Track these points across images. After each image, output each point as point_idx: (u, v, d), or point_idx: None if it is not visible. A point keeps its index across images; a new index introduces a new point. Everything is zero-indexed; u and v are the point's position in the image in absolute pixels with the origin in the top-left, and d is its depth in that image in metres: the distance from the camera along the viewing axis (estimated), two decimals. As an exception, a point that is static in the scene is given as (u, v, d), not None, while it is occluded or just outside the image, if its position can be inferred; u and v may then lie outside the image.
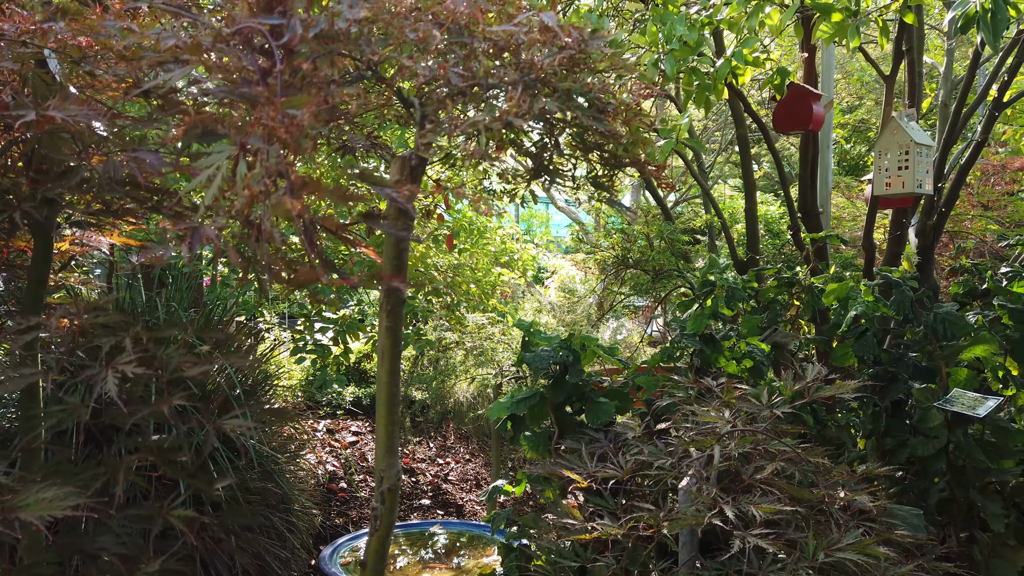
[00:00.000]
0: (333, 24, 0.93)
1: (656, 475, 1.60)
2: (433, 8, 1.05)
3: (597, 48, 1.08)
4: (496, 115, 0.97)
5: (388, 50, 0.93)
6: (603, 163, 1.19)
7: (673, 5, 2.38)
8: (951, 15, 1.61)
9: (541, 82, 1.02)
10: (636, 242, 3.88)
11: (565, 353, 2.37)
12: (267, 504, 4.31)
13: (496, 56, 1.07)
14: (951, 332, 2.41)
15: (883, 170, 3.05)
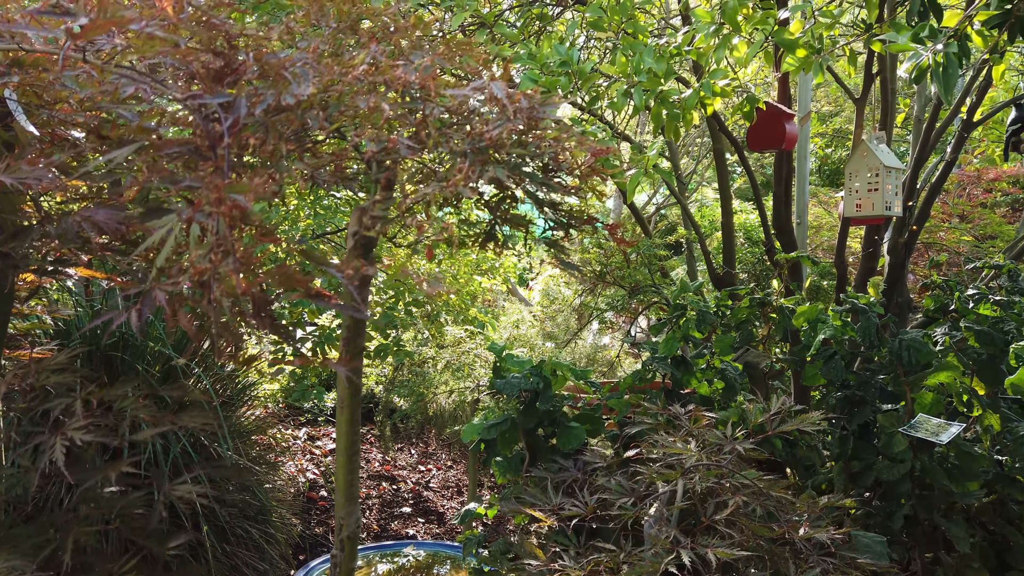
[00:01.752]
0: (280, 100, 0.94)
1: (617, 515, 1.61)
2: (386, 74, 1.06)
3: (547, 115, 1.09)
4: (445, 186, 0.98)
5: (336, 125, 0.94)
6: (556, 222, 1.21)
7: (643, 35, 2.40)
8: (906, 65, 1.64)
9: (494, 148, 1.03)
10: (613, 256, 3.91)
11: (535, 380, 2.38)
12: (245, 515, 4.30)
13: (447, 124, 1.09)
14: (915, 358, 2.45)
15: (853, 192, 3.09)
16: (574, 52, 2.20)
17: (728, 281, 4.33)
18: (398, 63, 1.09)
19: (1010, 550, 2.77)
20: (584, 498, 1.75)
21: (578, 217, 1.23)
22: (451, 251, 6.05)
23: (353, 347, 1.34)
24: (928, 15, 1.88)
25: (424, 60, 1.12)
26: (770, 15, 2.09)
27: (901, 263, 3.64)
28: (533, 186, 1.06)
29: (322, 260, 0.87)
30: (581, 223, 1.24)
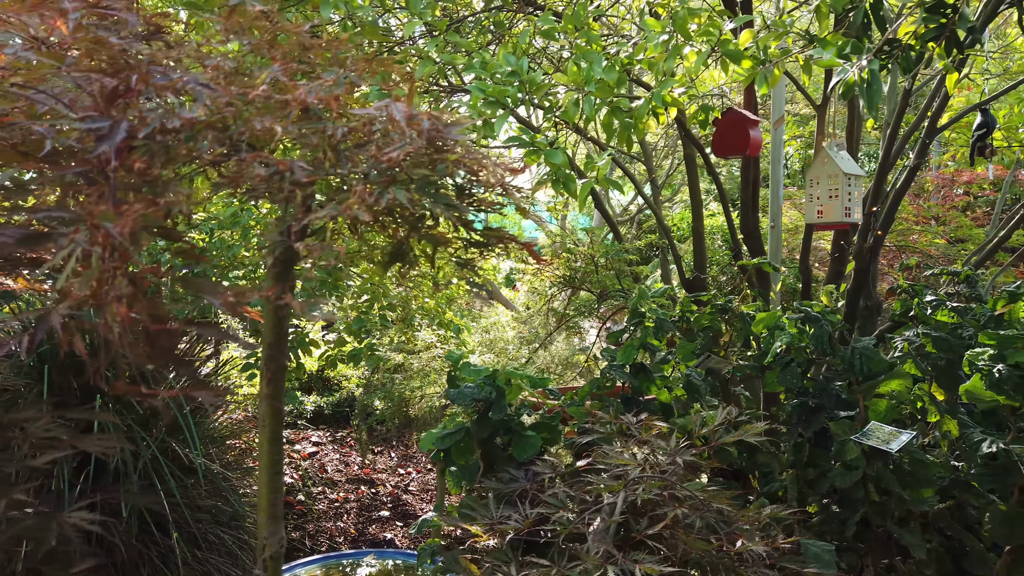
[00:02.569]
0: (165, 123, 0.93)
1: (551, 529, 1.61)
2: (289, 94, 1.05)
3: (454, 137, 1.09)
4: (341, 208, 0.98)
5: (220, 151, 0.93)
6: (469, 243, 1.20)
7: (597, 44, 2.40)
8: (835, 80, 1.65)
9: (400, 168, 1.03)
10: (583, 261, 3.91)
11: (489, 389, 2.38)
12: (217, 521, 4.28)
13: (348, 147, 1.08)
14: (867, 366, 2.46)
15: (814, 199, 3.10)
16: (524, 61, 2.19)
17: (699, 285, 4.34)
18: (299, 83, 1.09)
19: (967, 555, 2.78)
20: (525, 511, 1.75)
21: (495, 236, 1.22)
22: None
23: (273, 366, 1.33)
24: (870, 27, 1.89)
25: (328, 80, 1.11)
26: (715, 26, 2.10)
27: (866, 268, 3.65)
28: (439, 208, 1.05)
29: (203, 288, 0.86)
30: (498, 242, 1.23)
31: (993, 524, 2.65)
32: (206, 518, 4.16)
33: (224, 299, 0.88)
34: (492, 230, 1.22)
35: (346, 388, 7.43)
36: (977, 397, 2.65)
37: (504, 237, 1.22)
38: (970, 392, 2.66)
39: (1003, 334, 2.64)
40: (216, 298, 0.88)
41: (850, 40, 1.72)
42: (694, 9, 2.22)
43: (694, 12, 2.22)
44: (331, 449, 6.96)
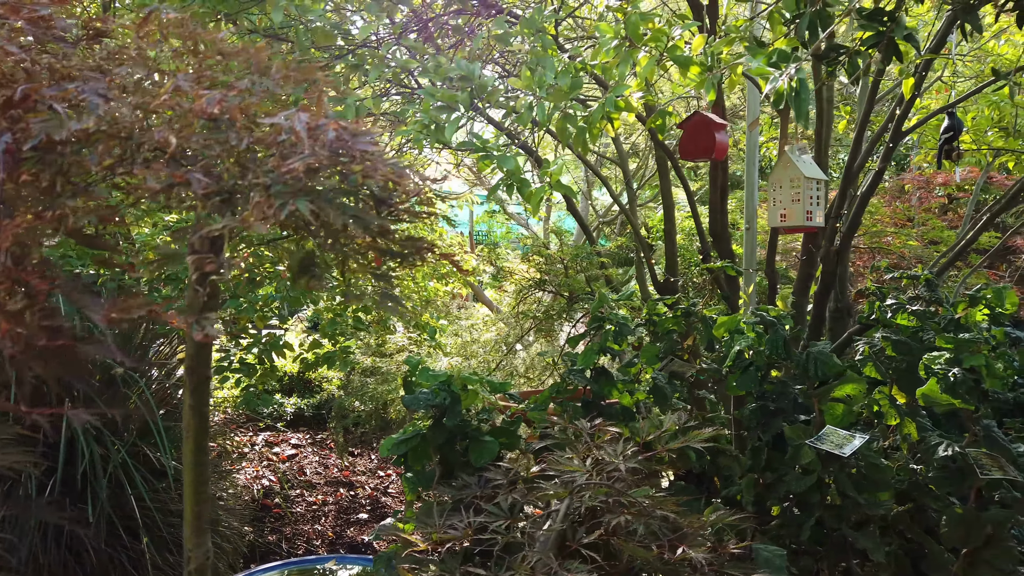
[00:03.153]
0: (52, 135, 0.92)
1: (488, 539, 1.61)
2: (196, 104, 1.04)
3: (363, 147, 1.08)
4: (236, 221, 0.97)
5: (109, 163, 0.92)
6: (386, 254, 1.20)
7: (552, 49, 2.40)
8: (769, 88, 1.65)
9: (303, 179, 1.02)
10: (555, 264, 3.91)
11: (444, 395, 2.38)
12: (191, 526, 4.25)
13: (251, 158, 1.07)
14: (822, 370, 2.47)
15: (777, 202, 3.11)
16: (475, 66, 2.19)
17: (671, 288, 4.34)
18: (204, 92, 1.08)
19: (925, 558, 2.79)
20: (468, 518, 1.74)
21: (412, 246, 1.21)
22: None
23: (195, 377, 1.32)
24: (817, 32, 1.89)
25: (235, 89, 1.11)
26: (663, 32, 2.10)
27: (833, 270, 3.67)
28: (345, 219, 1.05)
29: (83, 301, 0.85)
30: (416, 252, 1.23)
31: (950, 527, 2.66)
32: (177, 522, 4.14)
33: (105, 314, 0.87)
34: (409, 240, 1.21)
35: (327, 390, 7.41)
36: (933, 401, 2.66)
37: (421, 248, 1.22)
38: (927, 396, 2.68)
39: (959, 338, 2.66)
40: (96, 311, 0.88)
41: (778, 49, 1.72)
42: (646, 14, 2.22)
43: (646, 17, 2.22)
44: (311, 451, 6.95)
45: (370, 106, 2.44)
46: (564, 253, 3.94)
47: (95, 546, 3.82)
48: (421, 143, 2.32)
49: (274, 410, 7.34)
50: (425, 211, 1.24)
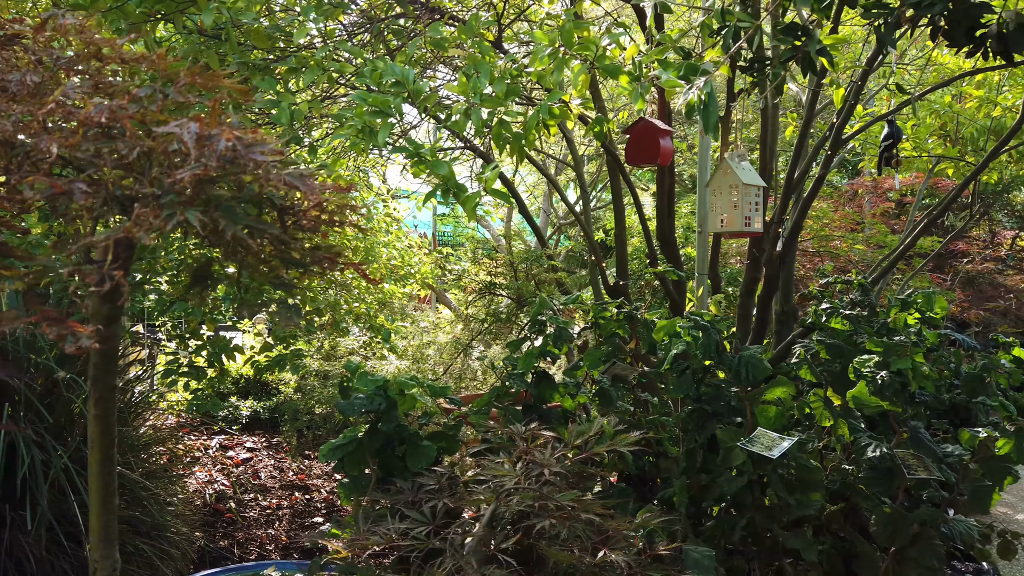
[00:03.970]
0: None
1: (408, 546, 1.62)
2: (86, 111, 1.03)
3: (257, 157, 1.08)
4: (119, 232, 0.96)
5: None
6: (288, 264, 1.19)
7: (489, 56, 2.41)
8: (681, 100, 1.69)
9: (194, 189, 1.02)
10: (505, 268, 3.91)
11: (380, 400, 2.37)
12: (137, 532, 4.20)
13: (144, 166, 1.07)
14: (752, 374, 2.51)
15: (717, 208, 3.16)
16: (410, 71, 2.19)
17: (622, 292, 4.38)
18: (94, 101, 1.07)
19: (857, 557, 2.86)
20: (393, 525, 1.75)
21: (316, 257, 1.22)
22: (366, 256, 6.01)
23: (100, 386, 1.31)
24: (742, 43, 1.93)
25: (125, 99, 1.10)
26: (592, 42, 2.12)
27: (776, 274, 3.73)
28: (236, 229, 1.04)
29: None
30: (320, 262, 1.23)
31: (879, 526, 2.73)
32: (124, 528, 4.07)
33: None
34: (312, 250, 1.22)
35: (285, 393, 7.33)
36: (863, 403, 2.73)
37: (325, 258, 1.22)
38: (856, 398, 2.74)
39: (888, 342, 2.73)
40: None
41: (686, 63, 1.76)
42: (580, 22, 2.24)
43: (580, 25, 2.25)
44: (266, 455, 6.86)
45: (306, 110, 2.42)
46: (515, 257, 3.96)
47: (36, 553, 3.74)
48: (360, 146, 2.32)
49: (229, 413, 7.24)
50: (337, 220, 1.25)
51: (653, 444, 3.15)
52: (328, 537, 1.79)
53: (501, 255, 4.09)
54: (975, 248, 7.14)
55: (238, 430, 7.27)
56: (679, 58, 2.29)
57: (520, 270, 3.84)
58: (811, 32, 1.66)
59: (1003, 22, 1.76)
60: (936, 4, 1.55)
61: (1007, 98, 4.47)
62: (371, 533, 1.68)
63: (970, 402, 3.97)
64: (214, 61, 2.46)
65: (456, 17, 2.95)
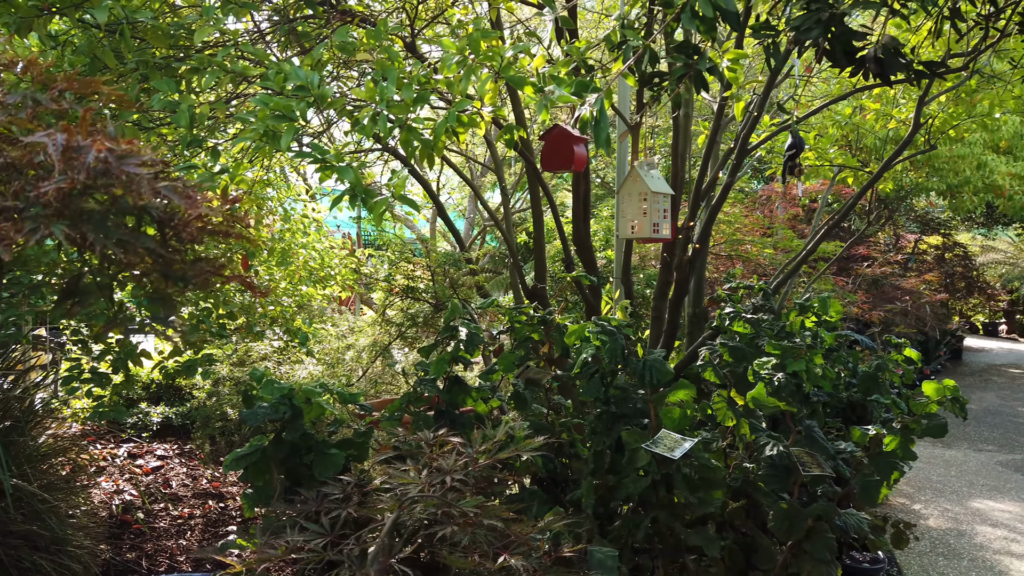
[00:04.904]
0: None
1: (303, 559, 1.60)
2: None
3: (131, 170, 1.05)
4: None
5: None
6: (168, 277, 1.17)
7: (398, 61, 2.40)
8: (577, 115, 1.74)
9: (62, 200, 0.98)
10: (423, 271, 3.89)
11: (284, 409, 2.33)
12: (34, 547, 4.00)
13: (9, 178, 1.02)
14: (656, 377, 2.59)
15: (627, 214, 3.24)
16: (314, 76, 2.16)
17: (540, 295, 4.43)
18: (-49, 111, 1.02)
19: (757, 551, 2.98)
20: (290, 537, 1.72)
21: (197, 270, 1.19)
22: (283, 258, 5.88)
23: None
24: (642, 60, 1.98)
25: None
26: (496, 52, 2.15)
27: (686, 278, 3.85)
28: (106, 243, 1.01)
29: None
30: (203, 275, 1.20)
31: (776, 521, 2.86)
32: (19, 543, 3.87)
33: None
34: (196, 262, 1.19)
35: (199, 398, 7.10)
36: (762, 403, 2.85)
37: (207, 271, 1.19)
38: (756, 399, 2.86)
39: (785, 344, 2.85)
40: None
41: (577, 80, 1.81)
42: (488, 32, 2.26)
43: (487, 35, 2.26)
44: (178, 463, 6.63)
45: (208, 111, 2.36)
46: (433, 260, 3.95)
47: (-84, 571, 3.52)
48: (265, 150, 2.27)
49: (138, 419, 6.96)
50: (223, 231, 1.22)
51: (566, 446, 3.20)
52: (233, 549, 1.75)
53: (419, 258, 4.08)
54: (875, 252, 7.53)
55: (148, 437, 6.99)
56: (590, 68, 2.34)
57: (439, 274, 3.83)
58: (701, 51, 1.73)
59: (879, 46, 1.87)
60: (814, 29, 1.64)
61: (901, 111, 4.75)
62: (269, 546, 1.66)
63: (866, 400, 4.19)
64: (110, 59, 2.36)
65: (368, 20, 2.93)
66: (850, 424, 3.96)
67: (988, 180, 7.71)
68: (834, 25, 1.69)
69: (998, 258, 18.06)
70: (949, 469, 7.21)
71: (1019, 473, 7.05)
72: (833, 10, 1.60)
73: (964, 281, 13.46)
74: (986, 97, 4.44)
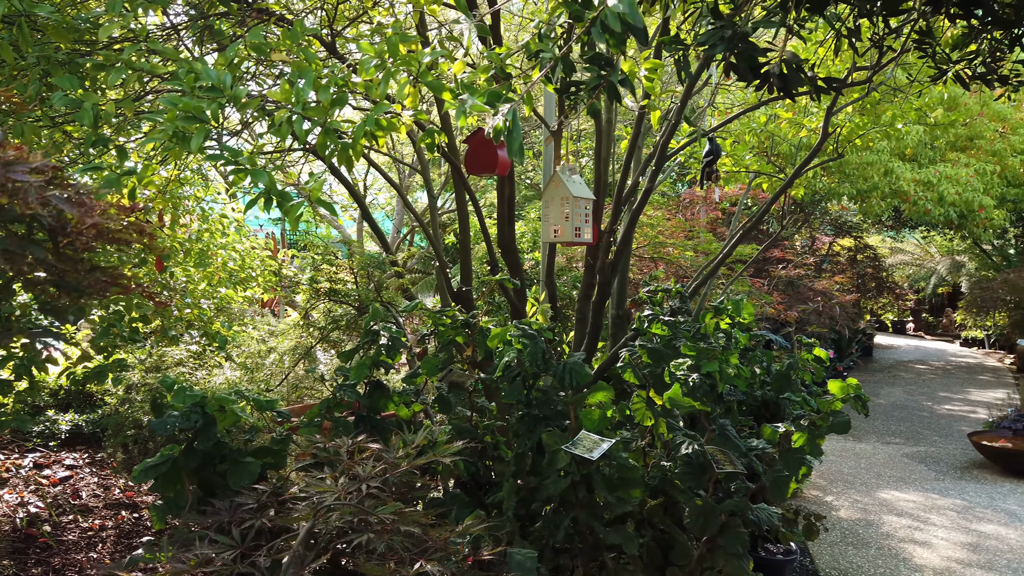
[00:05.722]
0: None
1: (214, 572, 1.56)
2: None
3: (18, 178, 1.01)
4: None
5: None
6: (63, 287, 1.12)
7: (316, 63, 2.37)
8: (491, 124, 1.76)
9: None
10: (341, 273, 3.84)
11: (196, 417, 2.27)
12: (-75, 567, 3.78)
13: None
14: (575, 380, 2.64)
15: (550, 219, 3.28)
16: (227, 76, 2.11)
17: (466, 299, 4.43)
18: None
19: (673, 548, 3.07)
20: (198, 551, 1.68)
21: (92, 280, 1.15)
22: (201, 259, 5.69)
23: None
24: (555, 68, 2.01)
25: None
26: (414, 58, 2.15)
27: (608, 281, 3.92)
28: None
29: None
30: (100, 286, 1.16)
31: (691, 517, 2.95)
32: (-92, 564, 3.65)
33: None
34: (92, 271, 1.15)
35: (111, 404, 6.81)
36: (678, 403, 2.94)
37: (104, 282, 1.16)
38: (672, 399, 2.94)
39: (700, 346, 2.95)
40: None
41: (490, 90, 1.84)
42: (406, 35, 2.25)
43: (406, 39, 2.26)
44: (88, 472, 6.35)
45: (114, 110, 2.27)
46: (356, 263, 3.90)
47: None
48: (177, 151, 2.20)
49: (45, 428, 6.63)
50: (123, 239, 1.18)
51: (490, 449, 3.22)
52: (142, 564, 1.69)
53: (343, 260, 4.02)
54: (790, 254, 7.85)
55: (56, 446, 6.66)
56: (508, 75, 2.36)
57: (362, 276, 3.78)
58: (613, 63, 1.77)
59: (782, 62, 1.96)
60: (719, 45, 1.70)
61: (812, 120, 4.97)
62: (178, 561, 1.61)
63: (779, 398, 4.37)
64: (7, 53, 2.25)
65: (286, 19, 2.87)
66: (765, 421, 4.11)
67: (895, 186, 8.14)
68: (738, 42, 1.76)
69: (906, 259, 19.08)
70: (859, 462, 7.57)
71: (923, 464, 7.46)
72: (736, 28, 1.67)
73: (874, 281, 14.17)
74: (888, 109, 4.69)
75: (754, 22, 1.75)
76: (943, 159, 9.16)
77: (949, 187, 8.49)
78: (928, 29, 2.68)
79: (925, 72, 3.22)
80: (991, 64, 2.71)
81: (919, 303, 20.16)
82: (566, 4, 1.76)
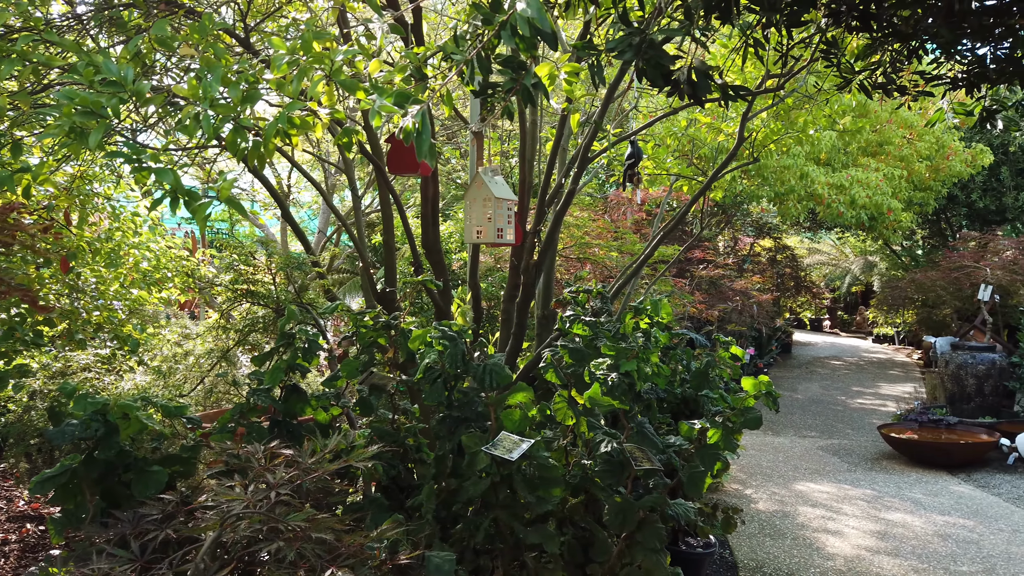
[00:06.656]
0: None
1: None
2: None
3: None
4: None
5: None
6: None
7: (226, 59, 2.30)
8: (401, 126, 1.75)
9: None
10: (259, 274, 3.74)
11: (97, 426, 2.17)
12: None
13: None
14: (495, 381, 2.64)
15: (473, 219, 3.28)
16: (129, 70, 2.03)
17: (390, 300, 4.39)
18: None
19: (594, 545, 3.11)
20: (95, 565, 1.60)
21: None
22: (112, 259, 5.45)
23: None
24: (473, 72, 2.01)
25: None
26: (327, 56, 2.11)
27: (532, 281, 3.95)
28: None
29: None
30: None
31: (611, 514, 3.00)
32: None
33: None
34: None
35: (14, 412, 6.44)
36: (598, 402, 2.98)
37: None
38: (592, 398, 2.98)
39: (619, 346, 3.00)
40: None
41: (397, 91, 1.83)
42: (321, 32, 2.21)
43: (321, 36, 2.21)
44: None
45: (7, 103, 2.15)
46: (274, 263, 3.80)
47: None
48: (74, 147, 2.10)
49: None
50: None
51: (412, 451, 3.19)
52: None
53: (259, 260, 3.91)
54: (712, 255, 8.08)
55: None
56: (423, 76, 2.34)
57: (281, 277, 3.69)
58: (527, 67, 1.78)
59: (690, 68, 2.01)
60: (628, 52, 1.73)
61: (729, 125, 5.12)
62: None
63: (698, 395, 4.48)
64: None
65: (195, 12, 2.78)
66: (685, 418, 4.21)
67: (810, 189, 8.47)
68: (648, 49, 1.80)
69: (822, 259, 19.90)
70: (777, 455, 7.85)
71: (836, 457, 7.78)
72: (645, 35, 1.70)
73: (793, 281, 14.73)
74: (801, 115, 4.88)
75: (660, 29, 1.79)
76: (855, 164, 9.59)
77: (860, 191, 8.89)
78: (834, 40, 2.80)
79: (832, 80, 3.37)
80: (891, 75, 2.85)
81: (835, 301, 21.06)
82: (477, 7, 1.76)
